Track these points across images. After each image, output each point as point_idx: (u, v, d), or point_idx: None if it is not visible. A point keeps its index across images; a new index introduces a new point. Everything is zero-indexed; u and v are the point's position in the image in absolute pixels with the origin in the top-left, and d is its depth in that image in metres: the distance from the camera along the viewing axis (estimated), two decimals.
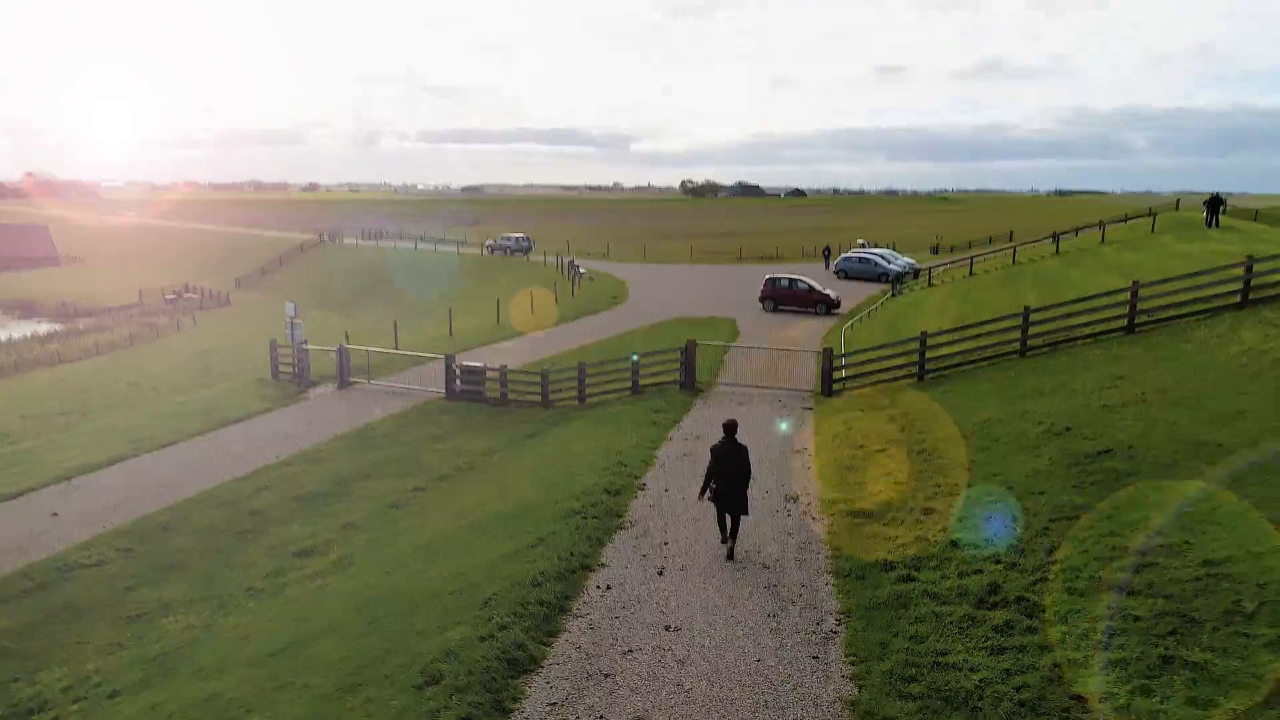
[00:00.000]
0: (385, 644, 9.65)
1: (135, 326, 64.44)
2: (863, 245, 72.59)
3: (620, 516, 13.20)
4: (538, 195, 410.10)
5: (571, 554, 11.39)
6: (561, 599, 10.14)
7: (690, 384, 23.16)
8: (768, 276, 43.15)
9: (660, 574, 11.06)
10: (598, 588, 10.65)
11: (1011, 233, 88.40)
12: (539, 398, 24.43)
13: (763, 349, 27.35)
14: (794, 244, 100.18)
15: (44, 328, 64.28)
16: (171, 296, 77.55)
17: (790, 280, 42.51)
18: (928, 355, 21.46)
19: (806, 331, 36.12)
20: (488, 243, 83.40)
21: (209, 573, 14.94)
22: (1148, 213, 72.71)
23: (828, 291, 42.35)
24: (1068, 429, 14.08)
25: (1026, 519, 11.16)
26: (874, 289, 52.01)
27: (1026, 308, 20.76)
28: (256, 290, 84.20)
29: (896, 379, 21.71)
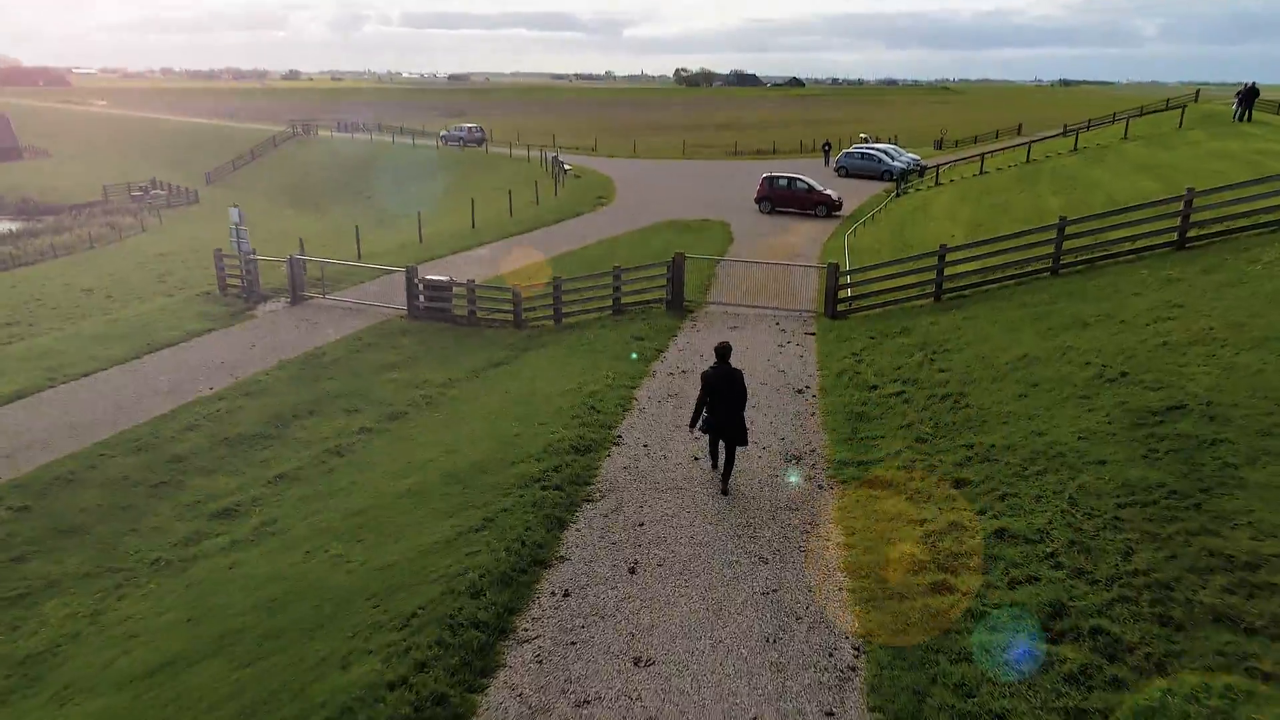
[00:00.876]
0: (275, 681, 7.51)
1: (97, 226, 61.14)
2: (865, 140, 68.77)
3: (588, 484, 10.97)
4: (526, 84, 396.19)
5: (523, 543, 9.20)
6: (504, 615, 7.98)
7: (678, 303, 20.69)
8: (765, 176, 40.07)
9: (632, 572, 8.89)
10: (553, 594, 8.48)
11: (1020, 125, 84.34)
12: (511, 317, 21.99)
13: (760, 264, 24.74)
14: (792, 138, 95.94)
15: (2, 226, 60.94)
16: (138, 193, 73.74)
17: (789, 180, 39.47)
18: (945, 272, 18.97)
19: (806, 237, 33.42)
20: (441, 133, 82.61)
21: (111, 539, 12.79)
22: (1165, 105, 68.85)
23: (829, 192, 39.38)
24: (1123, 374, 11.75)
25: (1088, 501, 8.95)
26: (877, 188, 48.97)
27: (1062, 218, 18.13)
28: (227, 186, 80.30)
29: (910, 299, 19.27)
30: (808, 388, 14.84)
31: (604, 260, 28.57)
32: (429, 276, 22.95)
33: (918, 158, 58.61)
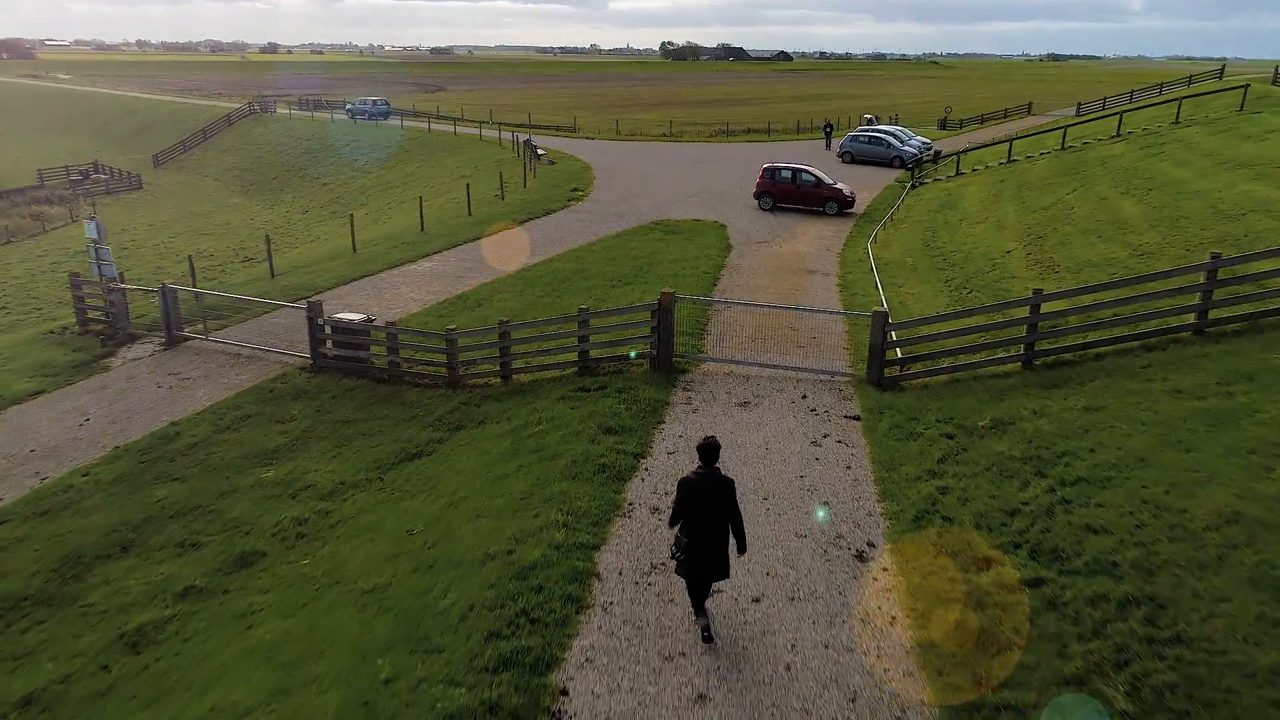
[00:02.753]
0: None
1: (20, 217, 55.02)
2: (870, 121, 63.09)
3: None
4: (510, 58, 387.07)
5: None
6: None
7: (665, 360, 15.22)
8: (765, 166, 34.48)
9: None
10: None
11: (1030, 104, 78.83)
12: (445, 370, 16.55)
13: (771, 309, 19.26)
14: (784, 115, 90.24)
15: None
16: (77, 178, 67.44)
17: (793, 172, 33.92)
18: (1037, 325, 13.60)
19: (817, 242, 28.00)
20: (346, 106, 79.92)
21: None
22: (1188, 81, 63.50)
23: (840, 186, 33.89)
24: None
25: None
26: (888, 176, 43.50)
27: (1215, 255, 12.75)
28: (176, 169, 74.06)
29: (987, 363, 13.93)
30: (871, 546, 9.45)
31: (572, 280, 23.08)
32: (339, 316, 17.43)
33: (928, 141, 53.20)
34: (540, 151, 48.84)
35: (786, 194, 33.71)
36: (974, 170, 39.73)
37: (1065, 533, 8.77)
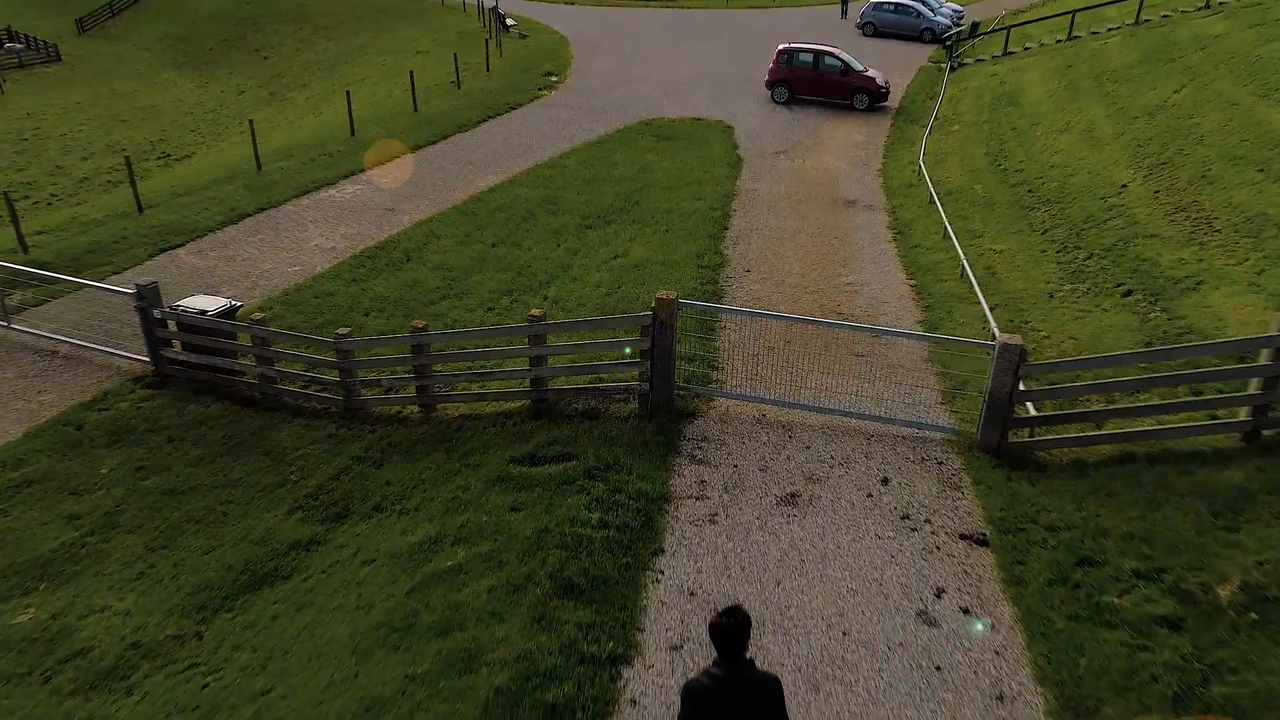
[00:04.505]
0: None
1: None
2: None
3: None
4: None
5: None
6: None
7: (662, 401, 9.91)
8: (781, 48, 28.00)
9: None
10: None
11: None
12: (337, 389, 11.28)
13: (824, 324, 13.69)
14: None
15: None
16: None
17: (815, 55, 27.51)
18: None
19: (849, 153, 22.21)
20: None
21: None
22: None
23: (871, 73, 27.61)
24: None
25: None
26: (918, 54, 36.80)
27: None
28: (103, 37, 65.49)
29: (1177, 430, 8.73)
30: None
31: (536, 215, 17.48)
32: (186, 305, 11.95)
33: (959, 8, 45.92)
34: (510, 23, 41.57)
35: (806, 83, 27.46)
36: (1025, 49, 33.18)
37: None
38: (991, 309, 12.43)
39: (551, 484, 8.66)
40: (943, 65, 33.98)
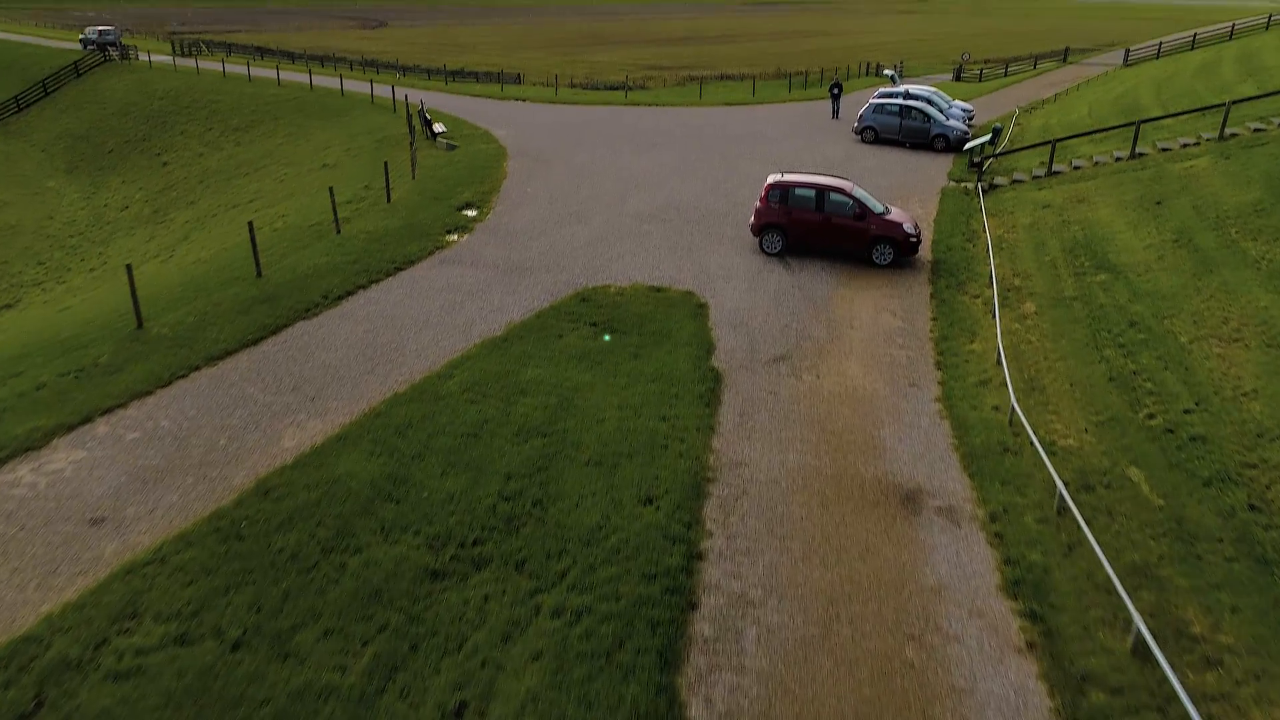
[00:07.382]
0: None
1: None
2: (892, 77, 48.43)
3: None
4: None
5: None
6: None
7: None
8: (772, 182, 20.50)
9: None
10: None
11: (1067, 50, 64.79)
12: None
13: None
14: (765, 57, 75.90)
15: None
16: None
17: (818, 192, 20.03)
18: None
19: (880, 347, 14.51)
20: (80, 37, 71.79)
21: None
22: (1266, 22, 49.92)
23: (894, 216, 20.15)
24: None
25: None
26: (932, 168, 29.72)
27: None
28: (3, 133, 58.12)
29: None
30: None
31: (350, 536, 9.38)
32: None
33: (968, 106, 39.46)
34: (438, 129, 34.37)
35: (807, 229, 19.98)
36: (1074, 168, 26.16)
37: None
38: None
39: None
40: (969, 187, 26.90)
